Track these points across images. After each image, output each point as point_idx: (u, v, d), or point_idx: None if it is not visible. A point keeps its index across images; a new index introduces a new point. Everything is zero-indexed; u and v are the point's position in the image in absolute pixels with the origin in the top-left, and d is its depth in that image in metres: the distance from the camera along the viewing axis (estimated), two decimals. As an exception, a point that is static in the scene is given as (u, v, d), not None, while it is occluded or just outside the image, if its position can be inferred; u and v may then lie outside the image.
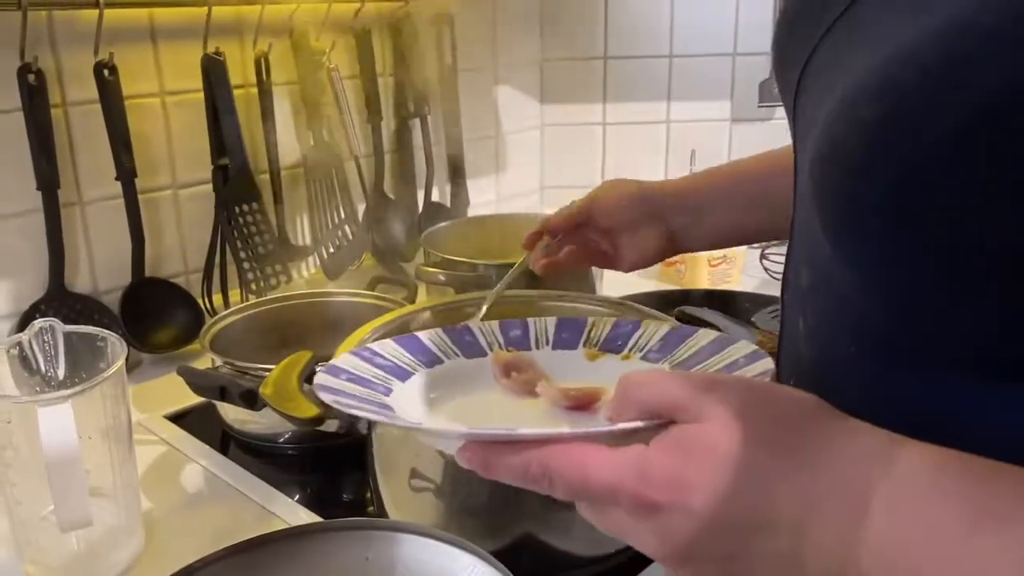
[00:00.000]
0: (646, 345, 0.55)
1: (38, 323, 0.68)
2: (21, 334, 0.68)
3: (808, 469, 0.33)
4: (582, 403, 0.47)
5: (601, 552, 0.65)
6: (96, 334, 0.68)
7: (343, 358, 0.52)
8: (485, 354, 0.56)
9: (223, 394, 0.74)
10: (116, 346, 0.67)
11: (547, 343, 0.58)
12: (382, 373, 0.52)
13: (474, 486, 0.62)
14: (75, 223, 1.00)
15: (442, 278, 0.99)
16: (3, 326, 0.96)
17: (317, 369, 0.49)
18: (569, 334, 0.58)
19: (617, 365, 0.54)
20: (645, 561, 0.65)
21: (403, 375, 0.53)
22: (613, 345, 0.56)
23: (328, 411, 0.69)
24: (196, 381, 0.78)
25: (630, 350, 0.55)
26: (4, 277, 0.96)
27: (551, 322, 0.59)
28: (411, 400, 0.50)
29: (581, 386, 0.48)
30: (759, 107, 1.44)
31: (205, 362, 0.90)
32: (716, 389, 0.36)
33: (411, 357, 0.55)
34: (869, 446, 0.33)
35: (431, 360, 0.55)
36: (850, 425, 0.35)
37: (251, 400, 0.71)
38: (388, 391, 0.50)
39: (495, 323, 0.59)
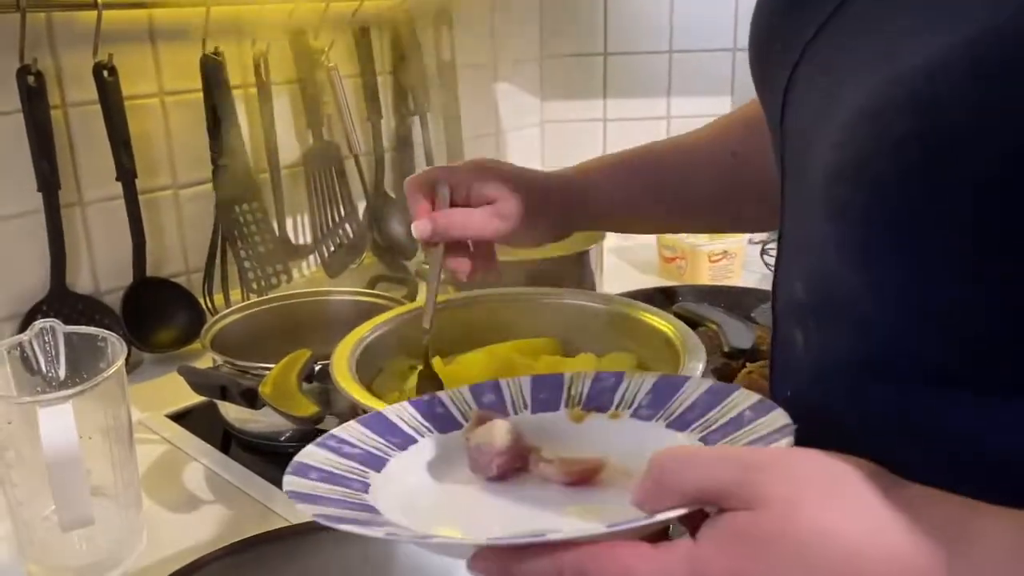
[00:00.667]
0: (634, 400, 0.51)
1: (38, 324, 0.68)
2: (22, 335, 0.69)
3: (884, 558, 0.30)
4: (584, 479, 0.43)
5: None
6: (96, 334, 0.69)
7: (308, 451, 0.46)
8: (460, 426, 0.51)
9: (224, 393, 0.75)
10: (116, 346, 0.67)
11: (525, 407, 0.53)
12: (356, 465, 0.47)
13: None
14: (76, 224, 1.01)
15: (442, 276, 0.99)
16: (6, 327, 0.97)
17: (286, 472, 0.43)
18: (548, 395, 0.53)
19: (606, 424, 0.50)
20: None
21: (377, 463, 0.47)
22: (598, 402, 0.52)
23: (327, 408, 0.69)
24: (197, 380, 0.78)
25: (617, 407, 0.51)
26: (6, 278, 0.96)
27: (525, 382, 0.54)
28: (394, 493, 0.45)
29: (574, 455, 0.45)
30: (759, 102, 1.43)
31: (206, 361, 0.90)
32: (764, 468, 0.33)
33: (382, 440, 0.49)
34: (941, 525, 0.31)
35: (404, 441, 0.50)
36: (916, 500, 0.32)
37: (251, 399, 0.72)
38: (366, 486, 0.45)
39: (465, 390, 0.54)
